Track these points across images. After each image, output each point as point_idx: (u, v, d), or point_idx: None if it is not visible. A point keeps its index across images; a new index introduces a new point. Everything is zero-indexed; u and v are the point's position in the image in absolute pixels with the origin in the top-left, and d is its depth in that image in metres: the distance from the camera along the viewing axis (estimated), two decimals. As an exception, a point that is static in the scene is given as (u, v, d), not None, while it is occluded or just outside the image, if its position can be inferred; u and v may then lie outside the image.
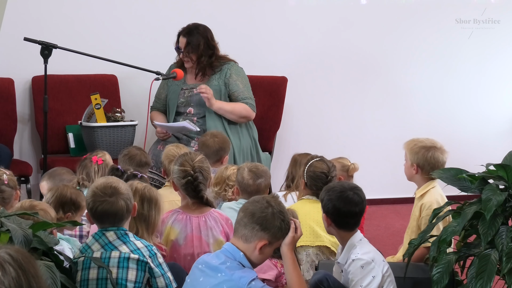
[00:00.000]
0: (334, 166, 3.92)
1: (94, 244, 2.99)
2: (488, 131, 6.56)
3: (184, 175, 3.51)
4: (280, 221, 2.90)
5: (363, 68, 6.31)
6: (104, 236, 2.99)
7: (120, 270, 2.92)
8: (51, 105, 5.25)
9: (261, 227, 2.87)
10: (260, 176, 3.80)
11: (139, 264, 2.94)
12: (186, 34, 5.19)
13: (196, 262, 2.95)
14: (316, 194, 3.83)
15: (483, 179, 3.24)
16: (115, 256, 2.94)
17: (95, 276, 2.94)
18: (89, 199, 3.01)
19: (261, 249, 2.87)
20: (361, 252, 3.14)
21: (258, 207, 2.90)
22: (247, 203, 2.97)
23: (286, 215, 2.95)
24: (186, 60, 5.21)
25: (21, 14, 5.65)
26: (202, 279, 2.85)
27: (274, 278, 3.21)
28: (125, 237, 2.99)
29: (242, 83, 5.26)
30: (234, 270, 2.81)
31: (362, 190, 3.26)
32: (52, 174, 4.12)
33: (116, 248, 2.96)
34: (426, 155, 3.76)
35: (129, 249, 2.96)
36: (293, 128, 6.20)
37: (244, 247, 2.88)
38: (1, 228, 2.61)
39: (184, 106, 5.27)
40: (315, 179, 3.83)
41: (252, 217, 2.88)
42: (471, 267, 3.06)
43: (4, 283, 1.78)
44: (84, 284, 2.94)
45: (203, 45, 5.17)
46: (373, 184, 5.92)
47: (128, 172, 3.72)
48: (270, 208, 2.89)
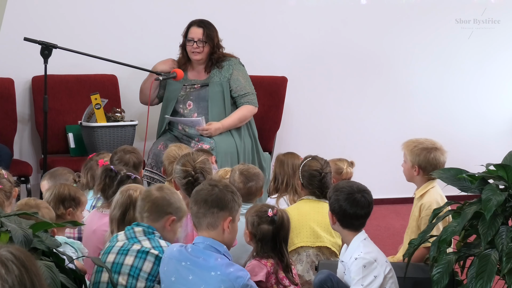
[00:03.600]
0: (327, 163, 3.93)
1: (121, 235, 3.07)
2: (488, 131, 6.56)
3: (185, 175, 3.52)
4: (230, 194, 2.95)
5: (363, 68, 6.32)
6: (132, 230, 3.06)
7: (136, 260, 2.98)
8: (51, 105, 5.26)
9: (218, 208, 2.91)
10: (251, 179, 3.78)
11: (157, 259, 2.99)
12: (202, 24, 5.18)
13: (175, 259, 2.91)
14: (314, 193, 3.84)
15: (483, 179, 3.24)
16: (135, 248, 3.00)
17: (106, 279, 2.97)
18: None
19: (228, 227, 2.92)
20: (364, 251, 3.15)
21: (206, 192, 2.94)
22: (193, 196, 2.99)
23: (231, 187, 3.01)
24: (198, 51, 5.19)
25: (21, 14, 5.65)
26: (192, 277, 2.85)
27: (265, 278, 3.22)
28: (151, 235, 3.05)
29: (243, 78, 5.28)
30: (228, 267, 2.83)
31: (371, 192, 3.26)
32: (53, 174, 4.12)
33: (139, 242, 3.02)
34: (428, 156, 3.75)
35: (151, 245, 3.02)
36: (293, 128, 6.20)
37: (214, 235, 2.91)
38: (1, 228, 2.61)
39: (183, 100, 5.26)
40: (310, 178, 3.85)
41: (206, 203, 2.91)
42: (471, 267, 3.06)
43: (7, 281, 1.79)
44: (96, 287, 2.98)
45: (217, 39, 5.19)
46: (373, 184, 5.82)
47: (121, 173, 3.68)
48: (216, 188, 2.94)
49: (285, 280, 3.26)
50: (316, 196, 3.84)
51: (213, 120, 5.16)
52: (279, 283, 3.24)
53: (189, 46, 5.20)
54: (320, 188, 3.83)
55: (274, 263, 3.26)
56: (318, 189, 3.84)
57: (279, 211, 3.34)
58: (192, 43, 5.17)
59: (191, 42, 5.18)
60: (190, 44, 5.19)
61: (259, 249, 3.29)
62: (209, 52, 5.20)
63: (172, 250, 2.95)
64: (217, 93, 5.22)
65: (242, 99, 5.26)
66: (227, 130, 5.16)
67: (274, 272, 3.24)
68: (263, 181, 3.88)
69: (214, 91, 5.23)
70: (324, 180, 3.84)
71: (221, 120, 5.16)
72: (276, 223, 3.30)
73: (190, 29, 5.21)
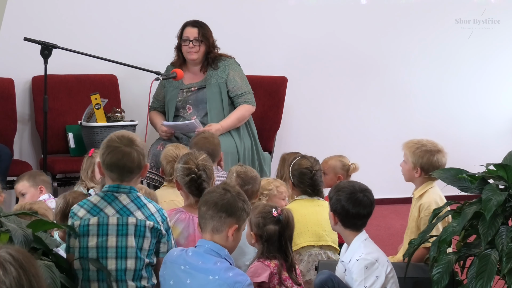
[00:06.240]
0: (317, 161, 3.94)
1: (107, 207, 3.00)
2: (487, 131, 6.56)
3: (188, 173, 3.51)
4: (241, 202, 2.92)
5: (363, 68, 6.31)
6: (117, 200, 3.02)
7: (136, 239, 2.97)
8: (51, 105, 5.25)
9: (227, 213, 2.89)
10: (248, 182, 3.77)
11: (153, 232, 3.00)
12: (197, 24, 5.20)
13: (174, 262, 2.90)
14: (305, 191, 3.85)
15: (483, 179, 3.24)
16: (132, 223, 2.98)
17: (94, 244, 2.96)
18: (103, 145, 3.02)
19: (233, 235, 2.90)
20: (366, 252, 3.15)
21: (217, 195, 2.92)
22: (205, 196, 2.97)
23: (244, 195, 2.98)
24: (194, 51, 5.19)
25: (21, 14, 5.65)
26: (189, 281, 2.83)
27: (267, 279, 3.21)
28: (138, 201, 3.03)
29: (239, 77, 5.28)
30: (227, 271, 2.80)
31: (372, 192, 3.26)
32: (32, 174, 4.22)
33: (132, 214, 3.00)
34: (432, 159, 3.75)
35: (144, 215, 3.01)
36: (293, 128, 6.20)
37: (217, 239, 2.89)
38: (1, 228, 2.61)
39: (182, 105, 5.27)
40: (300, 176, 3.87)
41: (215, 206, 2.89)
42: (471, 267, 3.06)
43: (5, 283, 1.78)
44: (83, 251, 2.96)
45: (212, 39, 5.20)
46: (373, 184, 5.82)
47: None
48: (229, 193, 2.92)
49: (288, 281, 3.25)
50: (308, 195, 3.85)
51: (212, 121, 5.15)
52: (281, 284, 3.23)
53: (185, 46, 5.21)
54: (312, 186, 3.84)
55: (278, 263, 3.25)
56: (309, 187, 3.85)
57: (284, 210, 3.33)
58: (188, 43, 5.19)
59: (187, 42, 5.19)
60: (186, 44, 5.20)
61: (264, 250, 3.27)
62: (205, 51, 5.21)
63: (173, 254, 2.94)
64: (215, 94, 5.22)
65: (240, 99, 5.26)
66: (226, 131, 5.16)
67: (277, 273, 3.23)
68: (259, 184, 3.88)
69: (212, 92, 5.23)
70: (315, 178, 3.86)
71: (220, 122, 5.16)
72: (282, 223, 3.29)
73: (185, 29, 5.22)
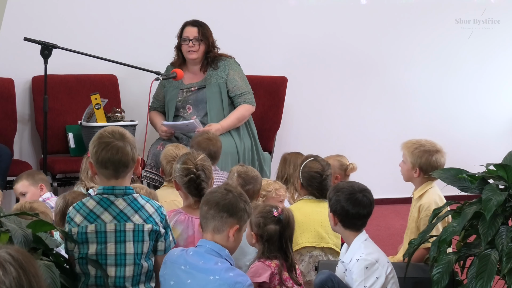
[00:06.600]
0: (329, 165, 3.92)
1: (103, 213, 2.95)
2: (488, 131, 6.56)
3: (186, 173, 3.50)
4: (243, 203, 2.92)
5: (363, 68, 6.31)
6: (113, 205, 2.96)
7: (135, 245, 2.94)
8: (51, 105, 5.25)
9: (228, 213, 2.89)
10: (249, 182, 3.77)
11: (151, 234, 2.96)
12: (197, 23, 5.21)
13: (175, 262, 2.90)
14: (313, 193, 3.84)
15: (483, 179, 3.24)
16: (129, 229, 2.94)
17: (94, 252, 2.94)
18: (95, 143, 2.97)
19: (234, 235, 2.89)
20: (366, 252, 3.15)
21: (219, 195, 2.91)
22: (207, 196, 2.97)
23: (245, 196, 2.98)
24: (194, 50, 5.20)
25: (21, 14, 5.64)
26: (190, 281, 2.82)
27: (268, 279, 3.21)
28: (135, 203, 2.98)
29: (239, 77, 5.28)
30: (227, 272, 2.80)
31: (371, 192, 3.26)
32: (30, 173, 4.20)
33: (129, 219, 2.94)
34: (430, 159, 3.75)
35: (142, 219, 2.96)
36: (293, 128, 6.20)
37: (218, 239, 2.89)
38: (1, 228, 2.61)
39: (182, 105, 5.27)
40: (310, 179, 3.85)
41: (217, 206, 2.89)
42: (471, 267, 3.06)
43: (5, 283, 1.78)
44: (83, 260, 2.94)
45: (211, 38, 5.21)
46: (373, 184, 5.82)
47: None
48: (230, 194, 2.92)
49: (289, 281, 3.25)
50: (315, 197, 3.84)
51: (212, 121, 5.15)
52: (282, 284, 3.23)
53: (185, 45, 5.21)
54: (320, 189, 3.83)
55: (279, 263, 3.25)
56: (317, 191, 3.84)
57: (284, 210, 3.33)
58: (188, 42, 5.19)
59: (187, 41, 5.20)
60: (186, 43, 5.21)
61: (265, 249, 3.27)
62: (205, 50, 5.22)
63: (173, 254, 2.93)
64: (215, 94, 5.23)
65: (239, 99, 5.26)
66: (226, 131, 5.16)
67: (278, 273, 3.23)
68: (260, 184, 3.87)
69: (211, 92, 5.23)
70: (325, 183, 3.84)
71: (220, 121, 5.16)
72: (282, 223, 3.29)
73: (185, 29, 5.23)
